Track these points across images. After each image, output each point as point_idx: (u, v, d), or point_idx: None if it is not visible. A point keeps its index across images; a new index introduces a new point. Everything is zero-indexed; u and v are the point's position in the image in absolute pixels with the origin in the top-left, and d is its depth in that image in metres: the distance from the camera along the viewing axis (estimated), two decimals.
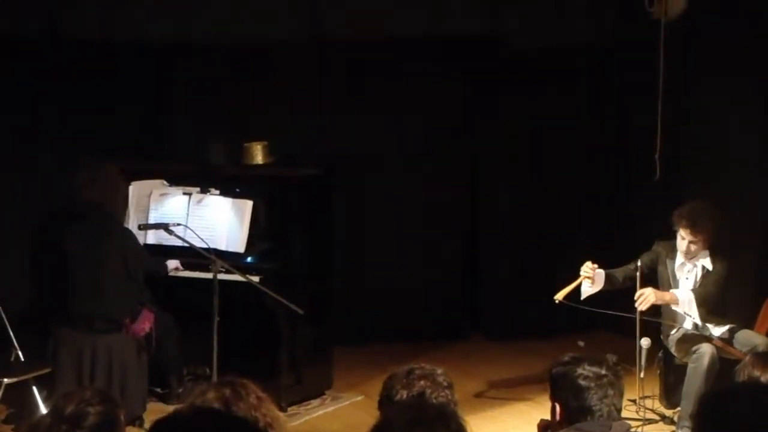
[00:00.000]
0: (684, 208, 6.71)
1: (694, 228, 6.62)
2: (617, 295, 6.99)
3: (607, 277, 6.80)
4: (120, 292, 6.62)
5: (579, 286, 6.80)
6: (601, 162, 9.09)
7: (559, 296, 6.77)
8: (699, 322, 6.66)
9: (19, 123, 7.82)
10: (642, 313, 6.65)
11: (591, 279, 6.75)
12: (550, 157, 9.03)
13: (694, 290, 6.67)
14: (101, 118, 8.08)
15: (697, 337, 6.71)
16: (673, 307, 6.71)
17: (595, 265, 6.77)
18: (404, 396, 3.61)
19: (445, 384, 3.69)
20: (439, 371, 3.73)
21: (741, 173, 8.10)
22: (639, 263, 6.83)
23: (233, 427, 2.77)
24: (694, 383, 6.46)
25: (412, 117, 8.81)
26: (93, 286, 6.58)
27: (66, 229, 6.74)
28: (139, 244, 6.90)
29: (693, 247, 6.67)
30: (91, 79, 8.00)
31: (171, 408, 6.66)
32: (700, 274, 6.74)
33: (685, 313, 6.66)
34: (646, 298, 6.60)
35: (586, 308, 6.82)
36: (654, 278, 6.88)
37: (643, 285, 6.70)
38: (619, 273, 6.87)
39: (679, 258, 6.77)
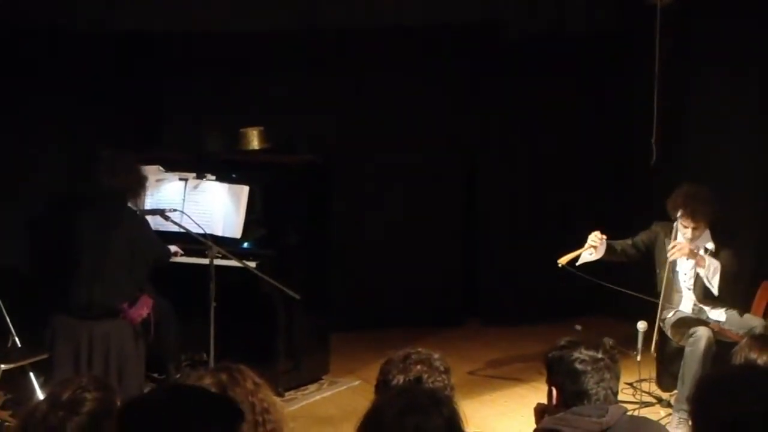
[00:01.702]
0: (677, 196, 6.68)
1: (694, 215, 6.61)
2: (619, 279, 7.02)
3: (611, 247, 6.85)
4: (120, 279, 6.60)
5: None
6: (598, 147, 9.09)
7: (563, 261, 6.81)
8: (716, 293, 6.65)
9: (16, 113, 7.81)
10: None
11: (596, 248, 6.78)
12: (548, 143, 9.03)
13: (723, 266, 6.65)
14: (98, 106, 8.07)
15: (694, 320, 6.72)
16: (697, 269, 6.69)
17: (604, 237, 6.80)
18: (401, 381, 3.60)
19: (441, 369, 3.68)
20: (436, 356, 3.72)
21: (738, 158, 8.10)
22: (633, 236, 6.93)
23: (202, 402, 2.78)
24: (691, 366, 6.46)
25: (409, 104, 8.79)
26: (94, 272, 6.57)
27: (77, 215, 6.74)
28: (151, 232, 6.86)
29: (696, 233, 6.68)
30: (88, 67, 7.99)
31: None
32: (702, 254, 6.73)
33: (705, 276, 6.64)
34: (681, 248, 6.60)
35: (586, 276, 6.85)
36: (651, 258, 6.89)
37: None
38: (618, 245, 6.92)
39: (680, 238, 6.76)
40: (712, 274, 6.61)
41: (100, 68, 8.04)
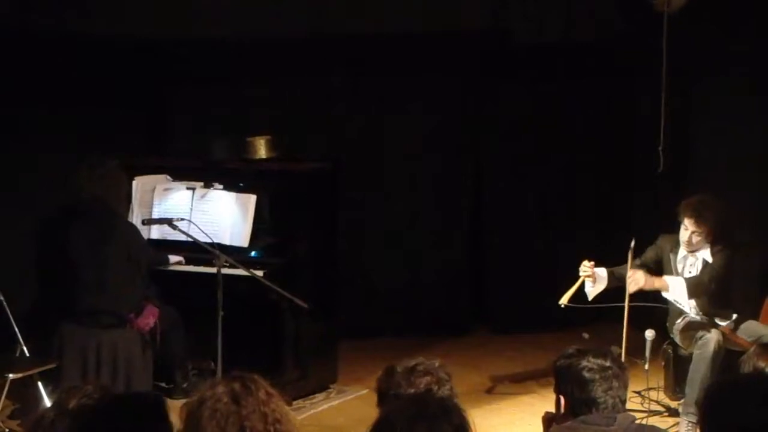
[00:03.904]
0: (692, 199, 6.71)
1: (698, 219, 6.61)
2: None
3: (613, 275, 6.79)
4: (125, 288, 6.63)
5: (582, 287, 6.79)
6: (604, 155, 9.08)
7: (564, 300, 6.77)
8: (688, 310, 6.66)
9: (20, 119, 7.82)
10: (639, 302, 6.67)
11: (591, 278, 6.74)
12: (554, 150, 9.02)
13: (686, 278, 6.65)
14: (104, 114, 8.08)
15: (702, 324, 6.69)
16: (663, 294, 6.70)
17: (592, 263, 6.76)
18: (410, 392, 3.60)
19: (446, 378, 3.68)
20: (437, 364, 3.72)
21: (745, 165, 8.08)
22: (641, 256, 6.84)
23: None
24: (699, 369, 6.44)
25: (415, 112, 8.79)
26: (98, 281, 6.59)
27: (70, 225, 6.75)
28: (142, 238, 6.91)
29: (695, 239, 6.66)
30: (94, 74, 8.00)
31: (176, 403, 6.66)
32: (701, 267, 6.72)
33: (674, 300, 6.65)
34: (635, 280, 6.59)
35: (592, 305, 6.82)
36: (659, 272, 6.87)
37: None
38: (624, 269, 6.85)
39: (682, 251, 6.76)
40: (679, 294, 6.61)
41: (107, 75, 8.04)
